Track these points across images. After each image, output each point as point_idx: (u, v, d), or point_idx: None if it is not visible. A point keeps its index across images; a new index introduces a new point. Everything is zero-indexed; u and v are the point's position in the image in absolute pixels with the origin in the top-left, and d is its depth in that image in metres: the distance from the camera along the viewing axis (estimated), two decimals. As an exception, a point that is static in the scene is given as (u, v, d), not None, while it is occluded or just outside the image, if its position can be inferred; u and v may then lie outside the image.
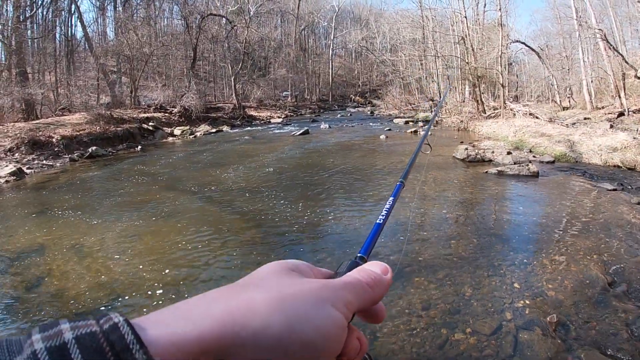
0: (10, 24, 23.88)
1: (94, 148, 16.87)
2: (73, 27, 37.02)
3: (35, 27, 31.74)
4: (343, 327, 0.38)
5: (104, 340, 0.27)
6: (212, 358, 0.31)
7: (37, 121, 20.09)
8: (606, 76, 21.97)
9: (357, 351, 0.41)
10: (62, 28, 35.04)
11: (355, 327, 0.42)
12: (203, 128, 25.50)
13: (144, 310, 4.35)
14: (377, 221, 0.72)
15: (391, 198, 0.84)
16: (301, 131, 21.87)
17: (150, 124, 23.27)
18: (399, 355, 3.49)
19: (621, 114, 17.80)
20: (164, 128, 23.94)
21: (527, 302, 4.18)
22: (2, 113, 20.41)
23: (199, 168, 12.99)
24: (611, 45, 20.58)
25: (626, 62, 19.33)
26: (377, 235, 0.68)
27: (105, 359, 0.26)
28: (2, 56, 26.39)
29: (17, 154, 14.87)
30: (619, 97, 19.62)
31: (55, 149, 16.17)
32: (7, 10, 24.44)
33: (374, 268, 0.46)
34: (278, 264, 0.43)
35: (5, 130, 16.88)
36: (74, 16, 34.59)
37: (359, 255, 0.58)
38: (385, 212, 0.76)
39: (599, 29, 21.10)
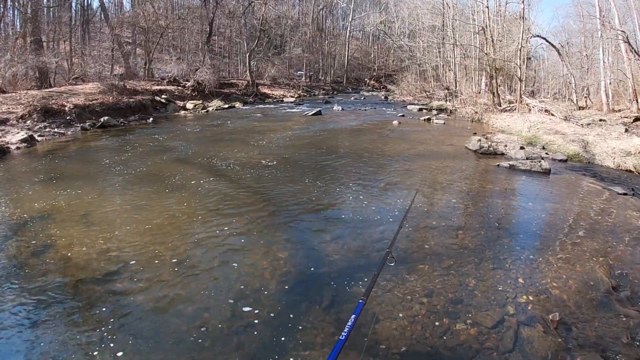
0: (26, -8, 23.83)
1: (105, 118, 16.96)
2: (89, -3, 36.84)
3: (51, -4, 31.63)
4: None
5: None
6: None
7: (50, 89, 20.11)
8: (625, 79, 21.54)
9: None
10: (78, -3, 34.90)
11: None
12: (215, 103, 25.53)
13: (148, 282, 4.41)
14: (340, 337, 0.72)
15: (353, 316, 0.85)
16: (313, 112, 21.87)
17: (163, 96, 23.28)
18: (399, 341, 3.51)
19: (637, 119, 17.49)
20: (177, 101, 23.97)
21: (531, 298, 4.19)
22: (15, 80, 20.47)
23: (210, 143, 13.01)
24: (633, 48, 20.19)
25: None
26: (340, 349, 0.68)
27: None
28: (18, 24, 26.44)
29: (29, 121, 14.91)
30: (637, 101, 19.30)
31: (67, 118, 16.20)
32: (23, -22, 24.39)
33: None
34: None
35: (18, 98, 16.94)
36: (90, -14, 34.42)
37: None
38: (348, 329, 0.77)
39: (622, 31, 20.68)
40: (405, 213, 4.47)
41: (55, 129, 15.07)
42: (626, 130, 14.38)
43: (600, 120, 17.88)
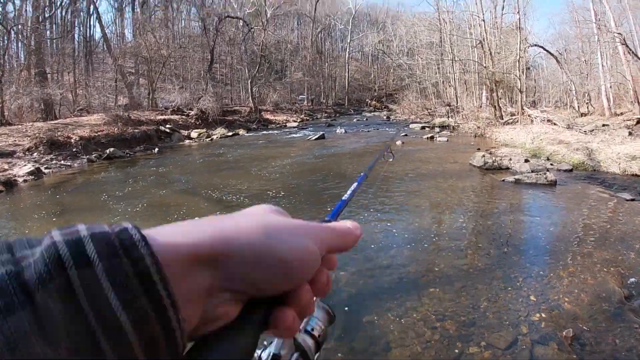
0: (29, 24, 24.33)
1: (111, 149, 17.14)
2: (91, 28, 37.69)
3: (54, 28, 32.31)
4: (315, 255, 0.44)
5: (114, 238, 0.31)
6: (202, 266, 0.36)
7: (56, 121, 20.44)
8: (625, 81, 21.61)
9: (325, 284, 0.48)
10: (81, 29, 35.72)
11: (326, 269, 0.49)
12: (219, 131, 25.71)
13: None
14: (343, 198, 0.84)
15: (355, 183, 0.98)
16: (317, 136, 21.94)
17: (167, 126, 23.54)
18: (412, 368, 3.49)
19: (640, 121, 17.54)
20: (181, 131, 24.19)
21: (543, 315, 4.15)
22: (21, 112, 20.78)
23: (215, 173, 13.08)
24: (630, 49, 20.28)
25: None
26: (343, 207, 0.79)
27: (115, 251, 0.30)
28: (22, 56, 26.94)
29: (35, 154, 15.10)
30: (638, 103, 19.33)
31: (73, 150, 16.40)
32: (26, 10, 24.98)
33: (346, 224, 0.54)
34: (266, 205, 0.49)
35: (24, 130, 17.20)
36: (92, 17, 35.35)
37: (326, 218, 0.66)
38: (350, 192, 0.89)
39: (619, 33, 20.80)
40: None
41: (62, 161, 15.23)
42: (630, 134, 14.38)
43: (603, 125, 17.92)
